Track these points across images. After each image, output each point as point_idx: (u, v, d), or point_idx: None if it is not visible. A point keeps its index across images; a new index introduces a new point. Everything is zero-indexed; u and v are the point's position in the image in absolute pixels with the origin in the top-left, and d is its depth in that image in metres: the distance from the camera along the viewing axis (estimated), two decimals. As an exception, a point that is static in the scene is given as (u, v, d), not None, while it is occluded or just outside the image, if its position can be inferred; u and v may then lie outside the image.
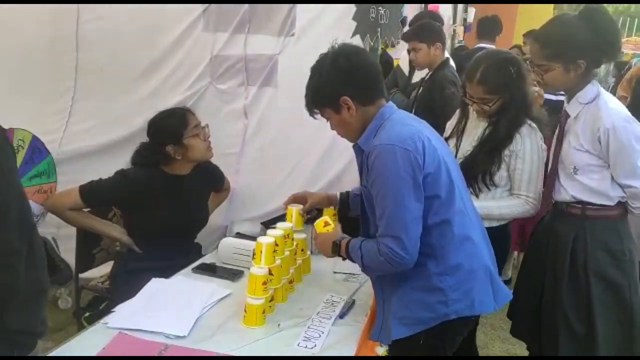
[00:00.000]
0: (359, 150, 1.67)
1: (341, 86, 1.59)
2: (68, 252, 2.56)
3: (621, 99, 4.08)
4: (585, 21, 1.79)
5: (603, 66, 2.08)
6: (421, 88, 3.31)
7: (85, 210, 2.31)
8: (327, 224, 1.82)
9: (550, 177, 2.01)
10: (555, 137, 2.02)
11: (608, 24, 1.80)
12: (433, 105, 3.00)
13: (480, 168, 2.06)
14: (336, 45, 1.65)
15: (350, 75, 1.58)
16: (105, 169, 2.30)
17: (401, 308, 1.61)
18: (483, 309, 1.64)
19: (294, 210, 2.02)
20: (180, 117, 2.28)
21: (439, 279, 1.56)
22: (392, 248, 1.50)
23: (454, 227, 1.57)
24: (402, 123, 1.59)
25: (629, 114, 1.85)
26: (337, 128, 1.70)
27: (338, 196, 2.06)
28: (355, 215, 1.92)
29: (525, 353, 2.31)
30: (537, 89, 2.60)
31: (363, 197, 1.69)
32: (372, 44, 2.87)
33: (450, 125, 2.31)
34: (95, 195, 2.22)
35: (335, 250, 1.73)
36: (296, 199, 2.06)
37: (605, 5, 1.94)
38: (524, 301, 2.08)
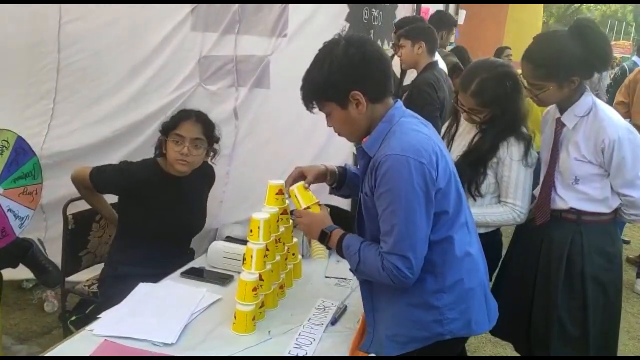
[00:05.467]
0: (363, 154, 1.54)
1: (354, 79, 1.44)
2: (55, 255, 2.51)
3: (620, 104, 4.07)
4: (575, 37, 1.80)
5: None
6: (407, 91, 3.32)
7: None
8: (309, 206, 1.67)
9: (545, 186, 2.00)
10: (548, 146, 2.02)
11: (598, 38, 1.80)
12: (412, 108, 2.99)
13: (465, 179, 2.02)
14: (343, 34, 1.50)
15: (364, 68, 1.44)
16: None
17: (395, 325, 1.54)
18: (478, 330, 1.57)
19: (296, 189, 1.72)
20: (179, 116, 2.24)
21: (436, 297, 1.48)
22: (398, 267, 1.40)
23: (455, 243, 1.48)
24: (413, 129, 1.47)
25: (628, 124, 1.89)
26: (340, 125, 1.55)
27: (337, 170, 1.82)
28: (344, 195, 1.85)
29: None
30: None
31: (361, 203, 1.58)
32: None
33: (445, 127, 2.30)
34: (100, 179, 2.22)
35: (324, 240, 1.62)
36: (294, 180, 1.78)
37: (592, 8, 1.95)
38: (509, 302, 2.09)
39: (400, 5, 3.99)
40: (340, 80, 1.45)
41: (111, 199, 2.39)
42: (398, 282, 1.43)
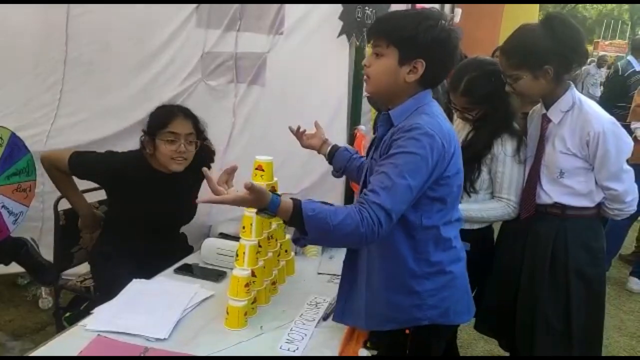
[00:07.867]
0: (386, 121, 1.53)
1: (428, 53, 1.45)
2: (51, 247, 2.52)
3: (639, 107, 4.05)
4: (545, 29, 1.84)
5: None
6: None
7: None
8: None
9: (530, 181, 2.02)
10: (534, 142, 2.03)
11: (567, 30, 1.83)
12: None
13: None
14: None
15: (442, 51, 1.47)
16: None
17: (374, 304, 1.56)
18: (457, 320, 1.61)
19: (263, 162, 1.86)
20: (166, 115, 2.21)
21: (417, 282, 1.51)
22: (380, 221, 1.34)
23: (442, 233, 1.52)
24: (441, 116, 1.51)
25: (613, 118, 1.90)
26: (377, 71, 1.51)
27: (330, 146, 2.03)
28: (335, 171, 1.98)
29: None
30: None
31: (367, 171, 1.59)
32: (358, 43, 2.86)
33: None
34: (81, 165, 2.19)
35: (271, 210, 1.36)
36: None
37: (589, 8, 1.96)
38: (494, 298, 2.12)
39: (393, 5, 3.98)
40: (417, 43, 1.44)
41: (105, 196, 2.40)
42: (370, 233, 1.34)
